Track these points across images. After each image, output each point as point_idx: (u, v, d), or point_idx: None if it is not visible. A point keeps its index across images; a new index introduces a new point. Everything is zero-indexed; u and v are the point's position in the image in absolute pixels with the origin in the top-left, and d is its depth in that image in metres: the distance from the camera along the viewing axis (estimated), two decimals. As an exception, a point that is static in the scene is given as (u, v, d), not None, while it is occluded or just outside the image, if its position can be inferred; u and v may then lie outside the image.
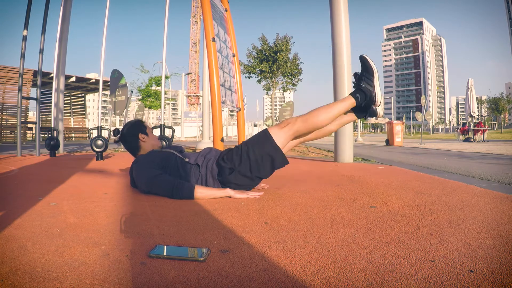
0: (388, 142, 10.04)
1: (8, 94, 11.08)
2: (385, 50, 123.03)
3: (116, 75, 7.97)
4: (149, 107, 18.44)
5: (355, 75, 1.72)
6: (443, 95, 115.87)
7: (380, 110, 1.73)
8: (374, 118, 1.77)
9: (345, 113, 1.76)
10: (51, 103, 5.40)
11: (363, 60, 1.70)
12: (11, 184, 2.13)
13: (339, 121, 1.77)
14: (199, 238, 0.96)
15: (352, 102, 1.68)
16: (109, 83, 8.29)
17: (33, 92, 12.94)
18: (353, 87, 1.72)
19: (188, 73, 31.03)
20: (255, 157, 1.57)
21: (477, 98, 19.77)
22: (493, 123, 37.32)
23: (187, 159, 1.69)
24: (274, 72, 16.84)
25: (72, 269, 0.73)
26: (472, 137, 11.61)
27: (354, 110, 1.77)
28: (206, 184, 1.65)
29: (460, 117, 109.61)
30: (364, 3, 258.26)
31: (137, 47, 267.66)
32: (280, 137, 1.60)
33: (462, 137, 12.39)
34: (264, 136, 1.61)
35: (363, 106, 1.71)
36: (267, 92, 18.48)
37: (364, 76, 1.68)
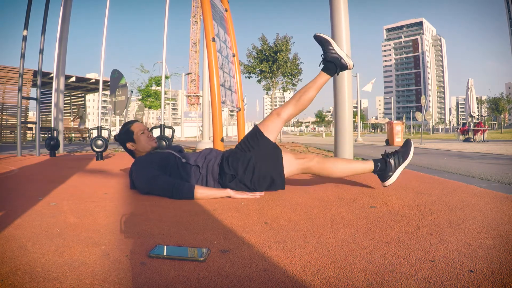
0: (388, 142, 10.04)
1: (8, 94, 11.06)
2: (385, 50, 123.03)
3: (116, 75, 7.98)
4: (149, 107, 18.44)
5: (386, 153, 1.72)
6: (443, 95, 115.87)
7: (347, 60, 1.72)
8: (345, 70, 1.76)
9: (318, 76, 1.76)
10: (51, 103, 5.40)
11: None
12: (11, 184, 2.12)
13: (317, 85, 1.75)
14: (199, 238, 0.96)
15: (370, 168, 1.67)
16: (109, 83, 8.30)
17: (33, 92, 12.93)
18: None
19: (188, 73, 31.02)
20: (259, 173, 1.58)
21: (477, 98, 19.78)
22: (493, 123, 37.33)
23: (184, 160, 1.69)
24: (274, 72, 16.81)
25: (72, 269, 0.73)
26: (472, 137, 11.61)
27: (325, 69, 1.73)
28: (207, 184, 1.65)
29: (460, 117, 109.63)
30: (364, 3, 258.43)
31: (137, 47, 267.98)
32: (290, 166, 1.62)
33: (462, 137, 12.39)
34: (275, 158, 1.61)
35: (332, 64, 1.71)
36: (267, 92, 18.46)
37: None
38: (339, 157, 3.46)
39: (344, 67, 1.73)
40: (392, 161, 1.65)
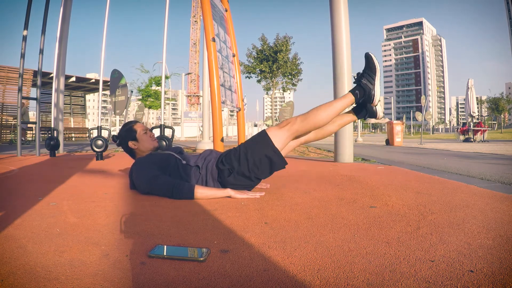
0: (388, 142, 10.04)
1: (8, 94, 11.06)
2: (385, 50, 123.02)
3: (116, 75, 7.98)
4: (149, 107, 18.46)
5: (358, 74, 1.71)
6: (443, 95, 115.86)
7: (379, 110, 1.71)
8: (374, 118, 1.76)
9: (346, 112, 1.76)
10: (51, 103, 5.39)
11: (368, 57, 1.69)
12: (11, 184, 2.13)
13: (340, 122, 1.77)
14: (199, 238, 0.96)
15: (351, 99, 1.67)
16: (109, 83, 8.30)
17: (33, 92, 12.93)
18: (354, 82, 1.71)
19: (188, 73, 31.05)
20: (253, 159, 1.56)
21: (477, 98, 19.77)
22: (493, 123, 37.30)
23: (184, 162, 1.69)
24: (274, 72, 16.83)
25: (72, 269, 0.73)
26: (472, 137, 11.61)
27: (354, 110, 1.76)
28: (206, 185, 1.65)
29: (460, 117, 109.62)
30: (364, 3, 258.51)
31: (137, 47, 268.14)
32: (280, 138, 1.59)
33: (462, 137, 12.39)
34: (262, 138, 1.60)
35: (363, 106, 1.71)
36: (267, 92, 18.47)
37: (366, 73, 1.67)
38: (340, 157, 3.46)
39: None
40: (365, 81, 1.65)
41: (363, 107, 1.72)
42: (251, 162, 1.56)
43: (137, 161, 1.71)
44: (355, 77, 1.71)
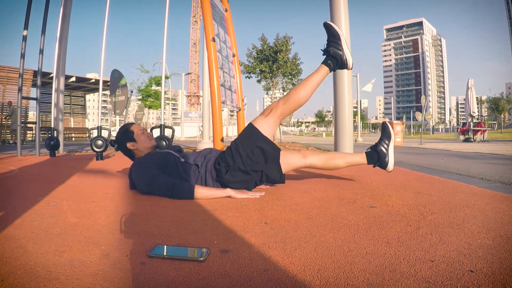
0: (388, 142, 10.03)
1: (8, 94, 11.06)
2: (385, 50, 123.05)
3: (116, 75, 7.98)
4: (149, 107, 18.45)
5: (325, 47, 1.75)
6: (443, 95, 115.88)
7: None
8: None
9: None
10: (51, 103, 5.39)
11: (326, 26, 1.73)
12: (11, 184, 2.12)
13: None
14: (199, 238, 0.96)
15: (326, 71, 1.71)
16: (109, 83, 8.30)
17: (33, 92, 12.93)
18: (323, 54, 1.75)
19: (188, 73, 31.00)
20: (245, 152, 1.59)
21: (477, 98, 19.77)
22: (493, 123, 37.31)
23: (183, 159, 1.69)
24: (274, 72, 16.81)
25: (72, 269, 0.73)
26: (472, 137, 11.61)
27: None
28: (206, 184, 1.65)
29: (460, 117, 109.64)
30: (364, 3, 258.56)
31: (137, 47, 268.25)
32: (267, 125, 1.64)
33: (462, 137, 12.40)
34: (250, 130, 1.64)
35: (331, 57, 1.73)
36: (267, 92, 18.45)
37: (331, 42, 1.71)
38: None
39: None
40: (333, 49, 1.70)
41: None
42: (244, 155, 1.59)
43: (137, 161, 1.71)
44: (323, 50, 1.74)
